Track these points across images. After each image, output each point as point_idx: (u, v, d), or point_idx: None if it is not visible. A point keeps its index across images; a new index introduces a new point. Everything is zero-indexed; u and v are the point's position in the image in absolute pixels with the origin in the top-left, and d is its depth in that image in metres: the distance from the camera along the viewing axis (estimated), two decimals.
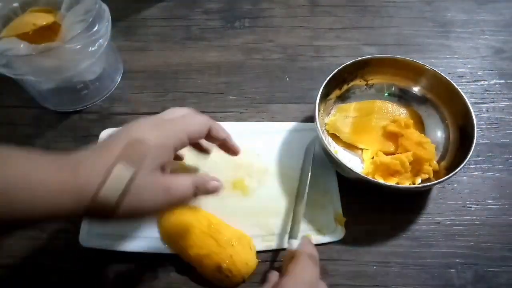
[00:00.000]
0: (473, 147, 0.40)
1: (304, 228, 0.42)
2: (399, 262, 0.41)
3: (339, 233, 0.42)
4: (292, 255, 0.35)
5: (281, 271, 0.36)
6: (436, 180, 0.40)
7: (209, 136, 0.36)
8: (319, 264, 0.35)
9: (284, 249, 0.41)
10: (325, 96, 0.47)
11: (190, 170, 0.44)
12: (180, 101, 0.53)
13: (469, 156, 0.40)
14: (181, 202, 0.32)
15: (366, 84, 0.50)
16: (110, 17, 0.48)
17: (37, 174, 0.27)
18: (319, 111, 0.44)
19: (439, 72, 0.46)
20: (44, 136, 0.51)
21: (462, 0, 0.65)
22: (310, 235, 0.42)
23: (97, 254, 0.41)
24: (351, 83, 0.50)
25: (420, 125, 0.48)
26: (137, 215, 0.31)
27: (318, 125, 0.42)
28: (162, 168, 0.31)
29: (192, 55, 0.59)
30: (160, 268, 0.41)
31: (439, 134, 0.47)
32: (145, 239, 0.41)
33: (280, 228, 0.42)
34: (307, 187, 0.42)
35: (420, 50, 0.58)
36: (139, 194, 0.29)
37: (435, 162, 0.44)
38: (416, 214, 0.44)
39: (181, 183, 0.32)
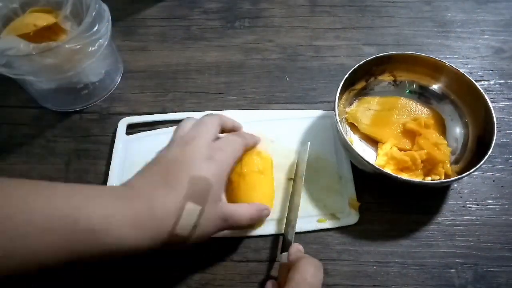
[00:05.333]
0: (490, 150, 0.40)
1: (318, 213, 0.43)
2: (399, 262, 0.41)
3: (354, 218, 0.43)
4: (287, 268, 0.34)
5: (278, 280, 0.36)
6: None
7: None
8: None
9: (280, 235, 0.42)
10: (350, 85, 0.48)
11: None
12: (180, 101, 0.54)
13: (486, 158, 0.39)
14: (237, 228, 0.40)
15: (394, 80, 0.51)
16: (110, 17, 0.48)
17: (118, 217, 0.30)
18: (340, 100, 0.46)
19: (464, 73, 0.46)
20: (44, 136, 0.51)
21: (462, 0, 0.65)
22: (325, 219, 0.43)
23: None
24: (379, 77, 0.50)
25: (441, 127, 0.48)
26: (201, 240, 0.35)
27: (337, 110, 0.43)
28: (220, 197, 0.36)
29: (192, 55, 0.59)
30: (160, 268, 0.41)
31: (458, 137, 0.47)
32: None
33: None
34: (300, 197, 0.41)
35: (420, 50, 0.58)
36: (205, 226, 0.35)
37: (448, 165, 0.44)
38: (415, 214, 0.44)
39: (239, 215, 0.37)
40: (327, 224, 0.43)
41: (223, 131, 0.42)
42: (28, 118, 0.52)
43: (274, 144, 0.48)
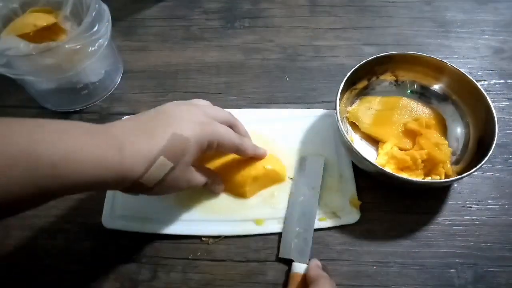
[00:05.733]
0: (491, 150, 0.40)
1: (319, 212, 0.43)
2: (399, 262, 0.41)
3: (354, 216, 0.43)
4: (303, 280, 0.37)
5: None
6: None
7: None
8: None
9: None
10: (351, 84, 0.48)
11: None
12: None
13: (486, 158, 0.39)
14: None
15: (396, 80, 0.51)
16: (110, 17, 0.48)
17: (88, 151, 0.30)
18: (341, 99, 0.46)
19: (464, 72, 0.46)
20: None
21: (462, 0, 0.65)
22: (325, 218, 0.43)
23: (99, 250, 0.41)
24: (381, 77, 0.50)
25: (443, 128, 0.48)
26: (163, 194, 0.36)
27: (338, 109, 0.43)
28: (193, 162, 0.36)
29: (192, 55, 0.59)
30: (160, 268, 0.41)
31: (459, 138, 0.47)
32: (169, 221, 0.43)
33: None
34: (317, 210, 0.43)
35: (420, 50, 0.58)
36: (170, 184, 0.35)
37: (449, 165, 0.44)
38: (416, 214, 0.44)
39: (198, 179, 0.39)
40: (328, 222, 0.43)
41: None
42: None
43: (274, 143, 0.48)
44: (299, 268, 0.38)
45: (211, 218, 0.43)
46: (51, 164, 0.27)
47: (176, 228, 0.42)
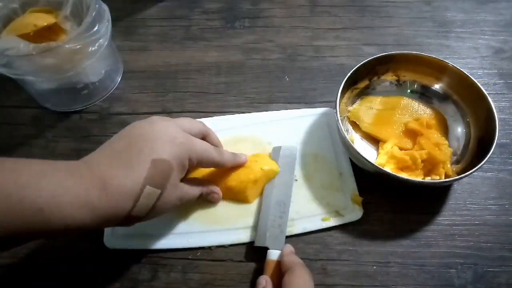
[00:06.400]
0: (491, 150, 0.40)
1: (322, 212, 0.43)
2: (398, 262, 0.41)
3: (357, 213, 0.43)
4: (278, 266, 0.37)
5: (265, 274, 0.38)
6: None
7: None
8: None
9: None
10: (352, 84, 0.48)
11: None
12: (180, 101, 0.53)
13: (486, 158, 0.39)
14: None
15: (398, 80, 0.51)
16: (110, 17, 0.48)
17: (69, 197, 0.29)
18: (342, 98, 0.46)
19: (465, 72, 0.46)
20: (44, 136, 0.51)
21: (462, 0, 0.65)
22: (329, 218, 0.43)
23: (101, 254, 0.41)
24: (382, 77, 0.50)
25: (444, 128, 0.48)
26: (156, 217, 0.35)
27: (338, 108, 0.43)
28: (178, 179, 0.36)
29: (192, 55, 0.59)
30: (160, 268, 0.41)
31: (460, 138, 0.47)
32: (171, 236, 0.42)
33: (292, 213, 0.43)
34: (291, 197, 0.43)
35: (420, 50, 0.58)
36: (163, 207, 0.34)
37: (449, 165, 0.44)
38: (415, 214, 0.44)
39: (192, 193, 0.38)
40: (332, 222, 0.42)
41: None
42: (28, 118, 0.52)
43: (271, 146, 0.48)
44: (274, 255, 0.38)
45: (214, 228, 0.42)
46: (37, 209, 0.28)
47: (178, 242, 0.42)
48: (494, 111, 0.43)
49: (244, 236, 0.42)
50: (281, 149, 0.46)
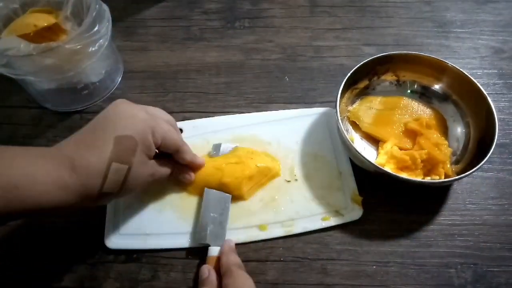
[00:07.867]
0: (491, 150, 0.40)
1: (322, 211, 0.43)
2: (398, 262, 0.41)
3: (357, 213, 0.43)
4: (218, 262, 0.38)
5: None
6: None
7: (176, 156, 0.41)
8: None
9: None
10: (352, 84, 0.48)
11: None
12: (180, 101, 0.54)
13: (486, 158, 0.39)
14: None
15: (397, 80, 0.51)
16: (110, 17, 0.48)
17: (41, 175, 0.31)
18: (342, 98, 0.46)
19: (464, 72, 0.46)
20: (44, 136, 0.51)
21: (462, 0, 0.65)
22: (329, 217, 0.43)
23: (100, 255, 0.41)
24: (382, 77, 0.50)
25: (443, 128, 0.48)
26: (130, 193, 0.37)
27: (338, 108, 0.43)
28: (149, 156, 0.37)
29: (192, 55, 0.59)
30: (160, 268, 0.41)
31: (459, 138, 0.47)
32: (171, 236, 0.42)
33: (293, 213, 0.43)
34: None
35: (420, 50, 0.58)
36: (132, 181, 0.35)
37: (448, 166, 0.44)
38: (415, 214, 0.44)
39: (162, 171, 0.40)
40: (332, 221, 0.43)
41: (176, 156, 0.41)
42: (28, 118, 0.52)
43: (270, 146, 0.48)
44: (214, 251, 0.39)
45: None
46: (12, 186, 0.29)
47: (178, 242, 0.42)
48: (494, 111, 0.43)
49: (244, 236, 0.42)
50: (221, 145, 0.47)
